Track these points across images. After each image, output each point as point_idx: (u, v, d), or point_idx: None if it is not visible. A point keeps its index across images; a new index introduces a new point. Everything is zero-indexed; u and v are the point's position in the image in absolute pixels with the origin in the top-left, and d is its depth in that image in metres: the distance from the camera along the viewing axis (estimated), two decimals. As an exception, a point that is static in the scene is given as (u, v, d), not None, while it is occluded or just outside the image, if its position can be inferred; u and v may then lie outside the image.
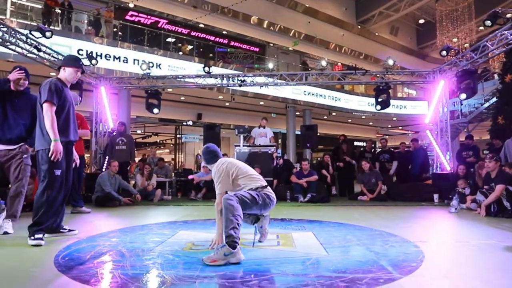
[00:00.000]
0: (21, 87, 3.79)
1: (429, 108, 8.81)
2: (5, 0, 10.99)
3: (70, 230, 3.61)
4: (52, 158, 3.21)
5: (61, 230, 3.56)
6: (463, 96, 7.47)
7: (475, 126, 14.27)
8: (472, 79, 7.36)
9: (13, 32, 6.26)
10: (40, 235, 3.17)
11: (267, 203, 3.01)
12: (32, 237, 3.15)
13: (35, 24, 8.07)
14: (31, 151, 3.81)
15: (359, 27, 23.34)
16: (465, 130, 13.93)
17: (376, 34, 24.03)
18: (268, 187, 3.10)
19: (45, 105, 3.26)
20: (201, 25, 17.68)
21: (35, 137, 3.38)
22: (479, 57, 7.13)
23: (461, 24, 20.09)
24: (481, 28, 19.80)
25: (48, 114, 3.25)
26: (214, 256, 2.52)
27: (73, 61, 3.64)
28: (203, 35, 18.17)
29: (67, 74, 3.54)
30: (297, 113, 16.91)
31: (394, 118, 20.29)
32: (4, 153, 3.68)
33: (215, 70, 9.04)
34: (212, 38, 18.55)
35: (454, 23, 20.25)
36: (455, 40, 20.38)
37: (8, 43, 6.21)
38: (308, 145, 9.85)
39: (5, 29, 6.09)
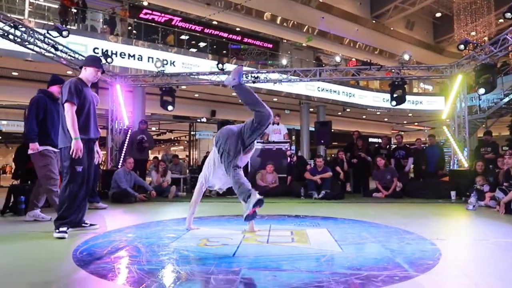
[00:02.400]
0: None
1: (446, 103, 8.62)
2: (23, 0, 11.23)
3: (91, 225, 3.75)
4: (73, 156, 3.33)
5: (83, 225, 3.69)
6: (482, 91, 7.28)
7: (494, 121, 13.92)
8: (491, 73, 7.17)
9: (31, 31, 6.38)
10: (64, 228, 3.33)
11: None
12: (57, 230, 3.31)
13: (52, 23, 8.22)
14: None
15: (374, 21, 22.98)
16: (483, 125, 13.60)
17: (391, 28, 23.63)
18: None
19: (66, 105, 3.40)
20: (215, 22, 17.72)
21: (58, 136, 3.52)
22: (498, 51, 6.93)
23: (480, 17, 19.54)
24: (501, 20, 19.22)
25: (69, 114, 3.38)
26: (247, 211, 2.96)
27: (94, 62, 3.75)
28: (216, 32, 18.21)
29: (87, 73, 3.65)
30: (311, 110, 16.81)
31: (410, 114, 19.98)
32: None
33: (228, 67, 9.03)
34: (225, 35, 18.58)
35: (472, 16, 19.71)
36: (473, 33, 19.85)
37: (26, 43, 6.34)
38: (322, 141, 9.78)
39: (23, 29, 6.21)
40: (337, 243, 3.05)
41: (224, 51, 16.85)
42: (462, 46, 7.42)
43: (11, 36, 6.01)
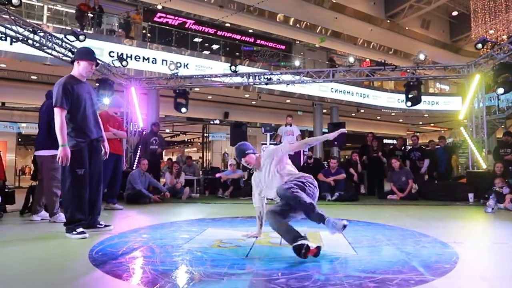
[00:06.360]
0: None
1: (463, 103, 8.45)
2: (42, 6, 11.52)
3: (106, 226, 3.74)
4: (60, 163, 3.21)
5: (98, 226, 3.68)
6: (501, 90, 7.11)
7: (514, 122, 13.57)
8: (510, 73, 7.00)
9: (49, 36, 6.54)
10: (81, 229, 3.33)
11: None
12: (75, 232, 3.29)
13: (70, 28, 8.40)
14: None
15: (388, 21, 22.71)
16: (502, 126, 13.27)
17: (406, 28, 23.29)
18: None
19: (55, 110, 3.25)
20: (227, 24, 17.81)
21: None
22: (518, 49, 6.77)
23: (498, 15, 19.09)
24: (520, 18, 18.75)
25: (57, 119, 3.22)
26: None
27: (87, 54, 3.48)
28: (229, 34, 18.29)
29: (81, 68, 3.44)
30: (324, 111, 16.71)
31: (426, 115, 19.63)
32: None
33: (241, 68, 9.07)
34: (238, 37, 18.64)
35: (490, 13, 19.27)
36: (491, 32, 19.40)
37: (45, 47, 6.50)
38: (335, 143, 9.70)
39: (42, 34, 6.37)
40: (351, 246, 3.02)
41: (237, 53, 16.91)
42: (479, 45, 7.27)
43: (30, 41, 6.17)
